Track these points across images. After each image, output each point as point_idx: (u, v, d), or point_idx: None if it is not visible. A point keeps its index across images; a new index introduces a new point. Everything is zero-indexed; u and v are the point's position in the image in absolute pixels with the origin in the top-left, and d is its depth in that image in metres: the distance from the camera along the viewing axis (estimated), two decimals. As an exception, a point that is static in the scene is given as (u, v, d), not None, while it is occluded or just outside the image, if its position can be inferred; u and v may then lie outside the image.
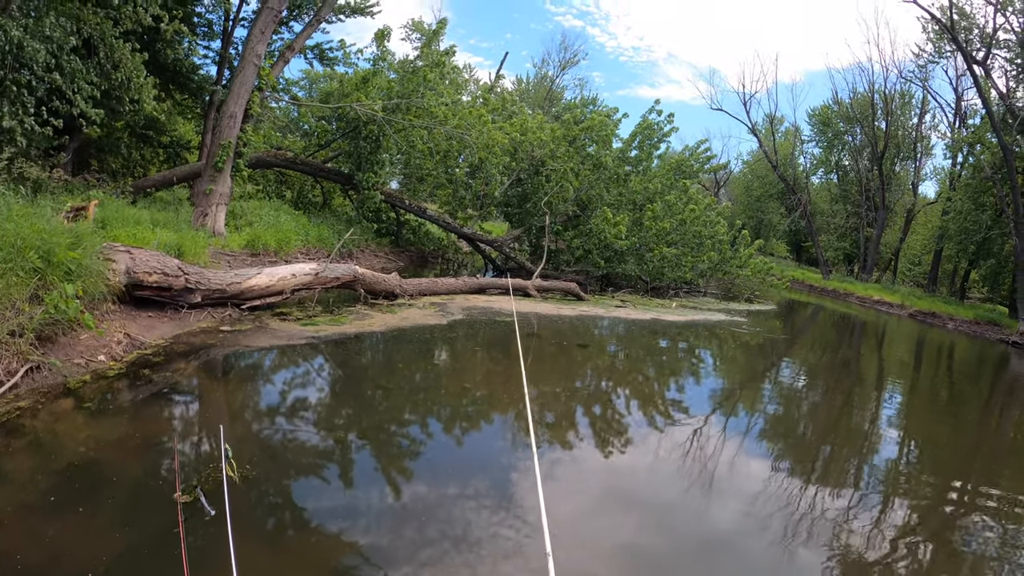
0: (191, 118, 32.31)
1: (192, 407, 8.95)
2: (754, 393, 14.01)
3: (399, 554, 5.80)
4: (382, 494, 6.99)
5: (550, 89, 73.27)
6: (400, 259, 29.28)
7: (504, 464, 8.31)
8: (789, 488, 8.52)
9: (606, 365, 14.80)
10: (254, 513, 6.28)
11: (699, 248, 29.04)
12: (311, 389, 10.55)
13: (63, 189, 17.72)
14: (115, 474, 6.59)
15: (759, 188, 72.99)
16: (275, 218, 22.30)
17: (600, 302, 23.18)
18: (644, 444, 9.69)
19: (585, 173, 28.37)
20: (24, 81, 14.74)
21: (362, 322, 14.81)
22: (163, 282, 11.90)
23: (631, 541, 6.64)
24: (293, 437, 8.30)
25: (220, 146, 18.98)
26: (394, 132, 25.67)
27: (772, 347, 19.90)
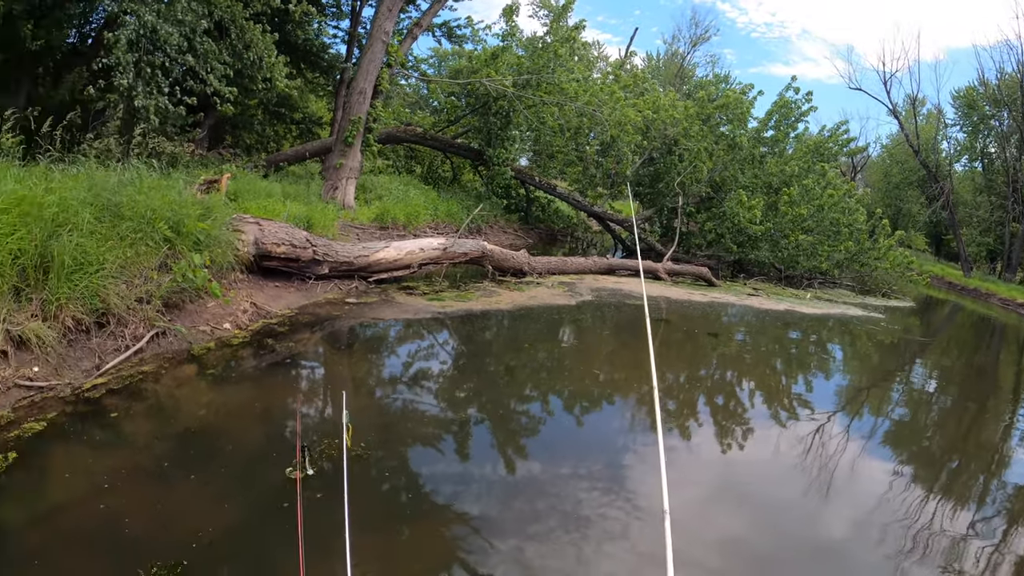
0: (322, 95, 32.64)
1: (313, 378, 8.89)
2: (883, 395, 12.99)
3: (508, 526, 5.78)
4: (496, 468, 6.93)
5: (681, 66, 71.86)
6: (528, 236, 29.00)
7: (620, 447, 8.04)
8: (909, 500, 7.81)
9: (734, 355, 14.02)
10: (369, 482, 6.22)
11: (836, 236, 27.32)
12: (433, 364, 10.37)
13: (198, 163, 18.00)
14: (231, 443, 6.52)
15: (898, 174, 67.45)
16: (404, 192, 22.35)
17: (731, 289, 22.31)
18: (765, 439, 9.17)
19: (719, 153, 27.30)
20: (158, 63, 14.94)
21: (488, 299, 14.55)
22: (291, 253, 11.88)
23: (740, 536, 6.33)
24: (413, 409, 8.25)
25: (350, 121, 19.06)
26: (524, 108, 25.38)
27: (908, 347, 18.36)
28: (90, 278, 7.78)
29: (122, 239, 8.58)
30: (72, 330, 7.65)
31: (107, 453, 6.04)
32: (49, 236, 7.64)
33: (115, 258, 8.24)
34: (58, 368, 7.20)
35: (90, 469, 5.72)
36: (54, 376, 7.08)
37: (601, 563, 5.46)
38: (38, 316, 7.34)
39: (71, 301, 7.60)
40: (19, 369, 6.87)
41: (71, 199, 8.30)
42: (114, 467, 5.76)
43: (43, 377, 6.97)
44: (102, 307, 7.92)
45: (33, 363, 7.02)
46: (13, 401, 6.54)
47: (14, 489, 5.32)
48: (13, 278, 7.22)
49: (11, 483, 5.37)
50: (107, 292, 7.96)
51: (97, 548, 4.80)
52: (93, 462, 5.84)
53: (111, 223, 8.62)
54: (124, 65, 14.29)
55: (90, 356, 7.65)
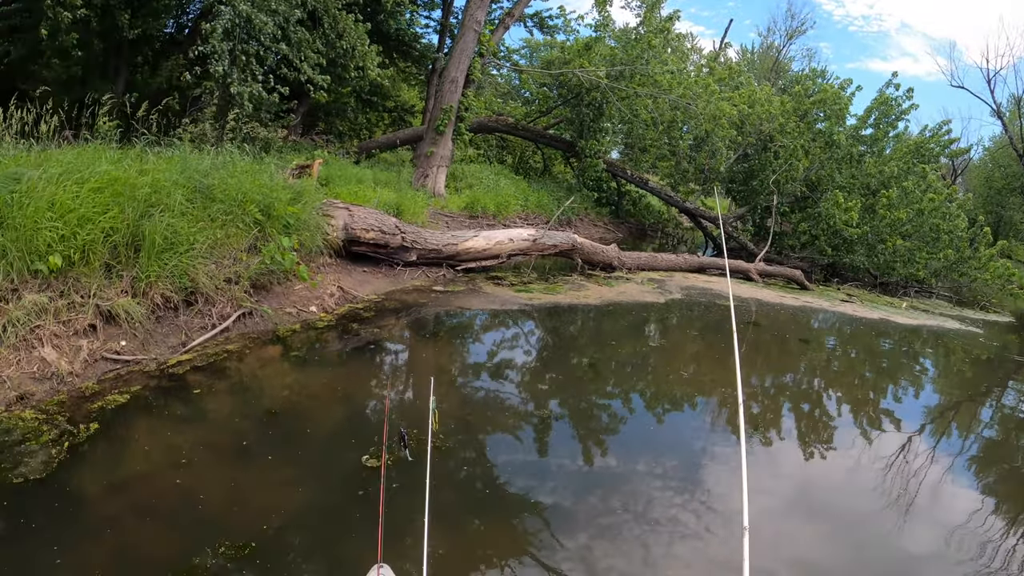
0: (415, 84, 32.76)
1: (396, 364, 8.92)
2: (974, 414, 12.34)
3: (580, 518, 5.78)
4: (572, 463, 6.89)
5: (776, 60, 70.07)
6: (619, 230, 28.71)
7: (698, 450, 7.85)
8: (992, 526, 7.35)
9: (824, 364, 13.58)
10: (447, 470, 6.17)
11: (935, 243, 25.88)
12: (517, 356, 10.29)
13: (291, 149, 18.19)
14: (310, 426, 6.53)
15: (1000, 179, 62.46)
16: (494, 182, 22.34)
17: (824, 293, 21.71)
18: (847, 452, 8.76)
19: (815, 151, 26.54)
20: (253, 51, 15.11)
21: (577, 292, 14.40)
22: (380, 239, 11.88)
23: (812, 551, 6.15)
24: (494, 400, 8.18)
25: (441, 110, 19.08)
26: (617, 100, 25.05)
27: (1004, 365, 17.38)
28: (180, 257, 7.87)
29: (213, 220, 8.68)
30: (160, 307, 7.76)
31: (187, 429, 6.09)
32: (141, 216, 7.75)
33: (205, 239, 8.33)
34: (145, 343, 7.30)
35: (169, 444, 5.76)
36: (140, 351, 7.18)
37: (670, 566, 5.40)
38: (128, 292, 7.45)
39: (160, 279, 7.70)
40: (107, 343, 6.98)
41: (163, 180, 8.42)
42: (193, 443, 5.81)
43: (129, 351, 7.07)
44: (191, 286, 8.01)
45: (121, 337, 7.13)
46: (100, 373, 6.66)
47: (93, 459, 5.39)
48: (105, 255, 7.36)
49: (90, 453, 5.44)
50: (196, 271, 8.05)
51: (169, 522, 4.84)
52: (173, 436, 5.89)
53: (202, 205, 8.74)
54: (219, 53, 14.50)
55: (176, 333, 7.74)
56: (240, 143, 12.94)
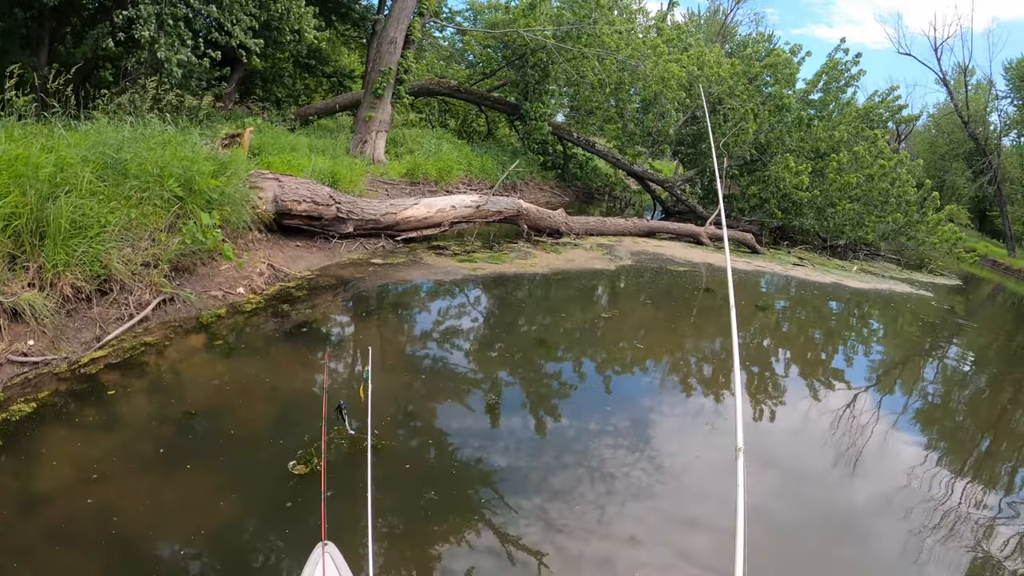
0: (354, 48, 31.84)
1: (331, 347, 8.33)
2: (919, 373, 12.98)
3: (533, 480, 6.00)
4: (524, 427, 7.06)
5: (724, 24, 70.13)
6: (565, 194, 28.45)
7: (648, 411, 8.16)
8: (935, 476, 7.89)
9: (781, 329, 13.96)
10: (397, 443, 6.17)
11: (884, 207, 26.38)
12: (463, 329, 9.94)
13: (225, 118, 17.45)
14: (234, 426, 6.02)
15: (944, 145, 65.82)
16: (436, 146, 21.55)
17: (776, 257, 21.72)
18: (799, 410, 9.36)
19: (765, 115, 26.32)
20: (181, 14, 14.32)
21: (523, 261, 14.05)
22: (313, 211, 11.25)
23: (761, 504, 6.31)
24: (440, 373, 8.03)
25: (380, 72, 18.36)
26: (564, 61, 24.56)
27: (962, 328, 18.08)
28: (90, 242, 7.16)
29: (127, 199, 7.96)
30: (71, 299, 7.09)
31: (100, 438, 5.54)
32: (46, 198, 7.02)
33: (118, 220, 7.62)
34: (55, 341, 6.66)
35: (81, 456, 5.22)
36: (50, 350, 6.54)
37: (624, 522, 5.63)
38: (35, 285, 6.78)
39: (70, 268, 7.00)
40: (12, 344, 6.33)
41: (70, 158, 7.66)
42: (107, 453, 5.29)
43: (38, 351, 6.44)
44: (104, 273, 7.32)
45: (28, 336, 6.49)
46: (5, 379, 6.05)
47: (-4, 481, 4.86)
48: (7, 245, 6.65)
49: (-8, 475, 4.90)
50: (109, 257, 7.35)
51: (82, 548, 4.39)
52: (85, 448, 5.34)
53: (115, 182, 7.98)
54: (145, 17, 13.71)
55: (90, 326, 7.09)
56: (165, 113, 12.27)
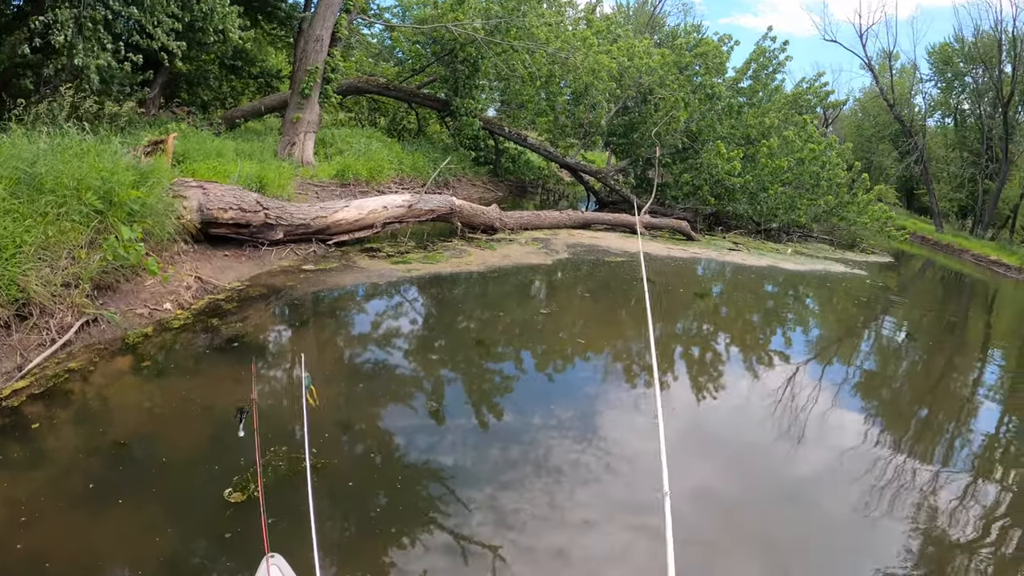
0: (281, 48, 31.17)
1: (264, 360, 7.94)
2: (855, 347, 13.64)
3: (483, 475, 6.08)
4: (469, 423, 7.09)
5: (652, 15, 70.43)
6: (499, 189, 28.27)
7: (592, 400, 8.30)
8: (878, 448, 8.26)
9: (719, 314, 14.07)
10: (341, 451, 6.18)
11: (815, 190, 27.03)
12: (400, 332, 9.74)
13: (148, 124, 16.96)
14: (167, 453, 5.71)
15: (870, 128, 68.57)
16: (366, 146, 21.19)
17: (711, 243, 21.91)
18: (741, 390, 9.62)
19: (695, 103, 26.64)
20: (100, 17, 13.86)
21: (459, 259, 13.91)
22: (240, 218, 10.90)
23: (709, 484, 6.63)
24: (380, 378, 7.91)
25: (306, 72, 17.95)
26: (493, 55, 24.35)
27: (895, 304, 18.64)
28: (5, 265, 6.75)
29: (43, 216, 7.57)
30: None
31: (26, 476, 5.19)
32: (-47, 219, 6.69)
33: (35, 239, 7.20)
34: (-29, 373, 6.32)
35: (6, 499, 4.87)
36: (-33, 383, 6.19)
37: (574, 509, 5.73)
38: (-55, 314, 6.46)
39: (-17, 293, 6.66)
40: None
41: (-22, 175, 7.33)
42: (34, 493, 4.96)
43: (-47, 387, 6.09)
44: (22, 297, 6.91)
45: (-60, 371, 6.16)
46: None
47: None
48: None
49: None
50: (27, 279, 6.93)
51: None
52: (10, 489, 4.98)
53: (29, 198, 7.58)
54: (63, 21, 13.24)
55: (11, 355, 6.65)
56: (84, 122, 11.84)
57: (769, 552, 5.76)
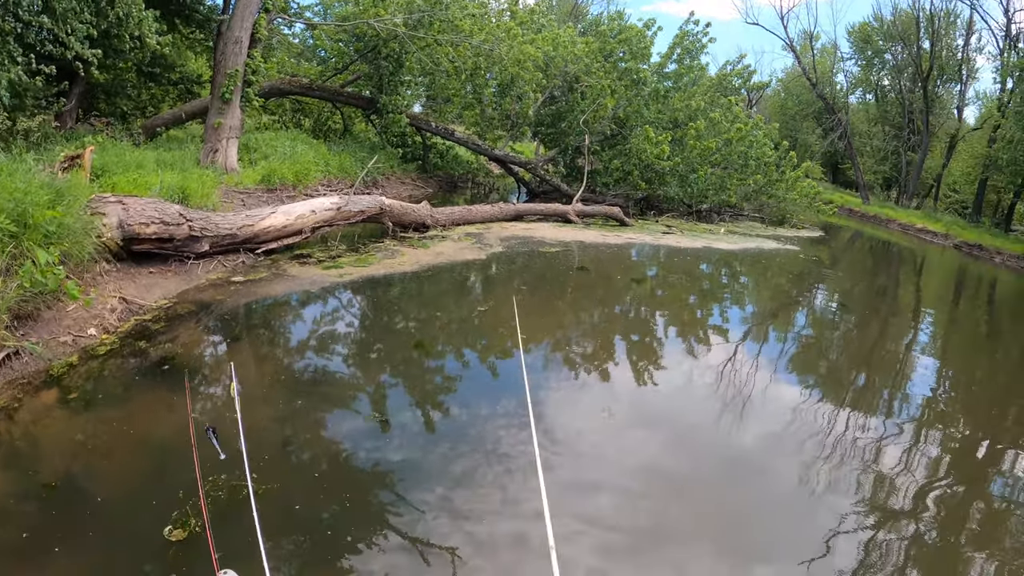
0: (201, 52, 30.38)
1: (197, 381, 7.52)
2: (790, 320, 14.39)
3: (432, 472, 6.09)
4: (415, 423, 7.13)
5: (575, 4, 70.99)
6: (428, 185, 28.03)
7: (534, 388, 8.13)
8: (819, 414, 8.72)
9: (657, 297, 14.29)
10: (281, 463, 6.02)
11: (744, 170, 27.68)
12: (337, 343, 9.45)
13: (65, 138, 16.41)
14: (102, 492, 5.33)
15: (794, 107, 70.75)
16: (292, 149, 20.74)
17: (645, 227, 22.12)
18: (682, 369, 9.97)
19: (622, 90, 26.77)
20: (9, 29, 13.33)
21: (392, 260, 13.69)
22: (163, 232, 10.46)
23: (657, 463, 6.88)
24: (319, 385, 7.75)
25: (226, 75, 17.48)
26: (417, 49, 24.06)
27: (828, 275, 19.52)
28: None
29: (-49, 244, 7.26)
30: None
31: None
32: None
33: None
34: None
35: None
36: None
37: (528, 498, 5.78)
38: None
39: None
40: None
41: None
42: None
43: None
44: None
45: None
46: None
47: None
48: None
49: None
50: None
51: None
52: None
53: None
54: (-32, 35, 12.73)
55: None
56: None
57: (715, 524, 5.99)
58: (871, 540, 5.95)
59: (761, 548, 5.81)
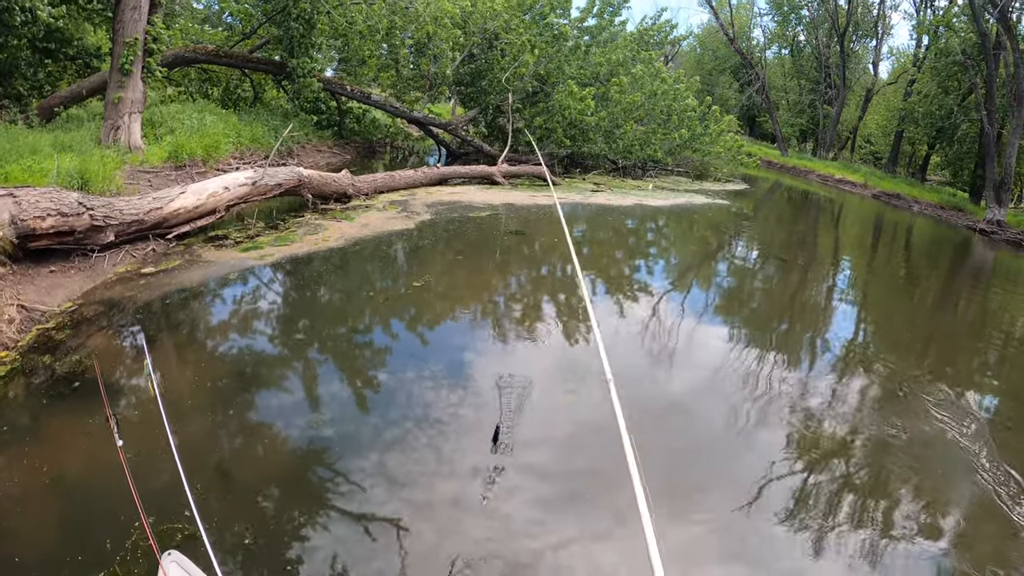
0: (100, 23, 28.96)
1: (114, 395, 6.54)
2: (713, 269, 15.22)
3: (365, 441, 6.18)
4: (345, 395, 7.15)
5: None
6: (346, 152, 27.10)
7: (462, 353, 8.64)
8: (747, 357, 9.39)
9: (594, 259, 14.21)
10: (219, 447, 5.95)
11: (668, 124, 28.10)
12: (263, 337, 8.66)
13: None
14: (20, 550, 4.53)
15: (711, 62, 73.49)
16: (200, 121, 19.59)
17: (573, 186, 22.09)
18: (615, 322, 10.37)
19: (542, 46, 26.39)
20: None
21: (315, 236, 12.89)
22: (61, 225, 9.40)
23: (584, 413, 7.22)
24: (252, 408, 6.73)
25: (125, 45, 16.30)
26: (330, 8, 23.09)
27: (760, 226, 20.59)
28: None
29: None
30: None
31: None
32: None
33: None
34: None
35: None
36: None
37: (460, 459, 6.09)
38: None
39: None
40: None
41: None
42: None
43: None
44: None
45: None
46: None
47: None
48: None
49: None
50: None
51: None
52: None
53: None
54: None
55: None
56: None
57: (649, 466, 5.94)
58: (799, 481, 6.55)
59: (695, 487, 6.30)
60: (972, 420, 8.41)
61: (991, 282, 19.58)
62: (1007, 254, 25.92)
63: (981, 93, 35.32)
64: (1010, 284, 19.75)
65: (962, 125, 41.99)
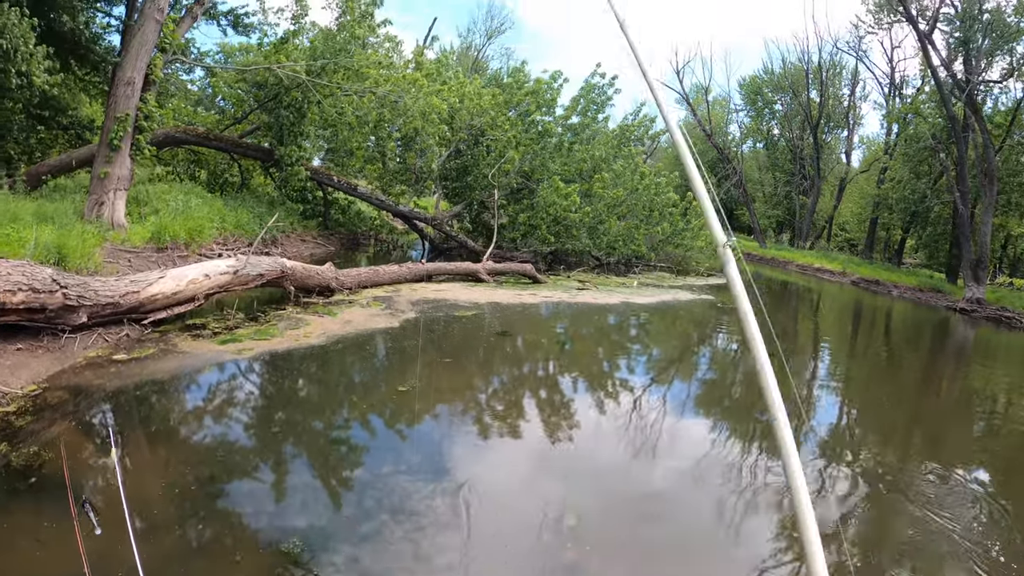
0: (96, 95, 28.69)
1: (78, 495, 5.80)
2: (695, 364, 15.12)
3: (339, 535, 5.90)
4: (327, 515, 6.39)
5: (476, 59, 72.67)
6: (330, 243, 27.05)
7: (441, 449, 8.38)
8: (727, 450, 9.36)
9: (589, 361, 13.91)
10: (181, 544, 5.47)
11: (650, 219, 28.73)
12: (237, 442, 7.98)
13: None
14: None
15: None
16: (185, 203, 19.39)
17: (558, 284, 22.05)
18: (605, 421, 10.15)
19: (527, 143, 26.81)
20: None
21: (296, 331, 12.38)
22: (32, 301, 8.98)
23: (572, 507, 6.91)
24: (224, 521, 6.03)
25: (116, 120, 16.06)
26: (321, 98, 23.18)
27: (717, 318, 20.52)
28: None
29: None
30: None
31: None
32: None
33: None
34: None
35: None
36: None
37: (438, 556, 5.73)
38: None
39: None
40: None
41: None
42: None
43: None
44: None
45: None
46: None
47: None
48: None
49: None
50: None
51: None
52: None
53: None
54: None
55: None
56: None
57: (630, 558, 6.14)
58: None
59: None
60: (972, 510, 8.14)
61: (972, 359, 20.32)
62: (987, 330, 26.97)
63: (952, 175, 36.68)
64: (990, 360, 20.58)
65: (935, 207, 43.85)
